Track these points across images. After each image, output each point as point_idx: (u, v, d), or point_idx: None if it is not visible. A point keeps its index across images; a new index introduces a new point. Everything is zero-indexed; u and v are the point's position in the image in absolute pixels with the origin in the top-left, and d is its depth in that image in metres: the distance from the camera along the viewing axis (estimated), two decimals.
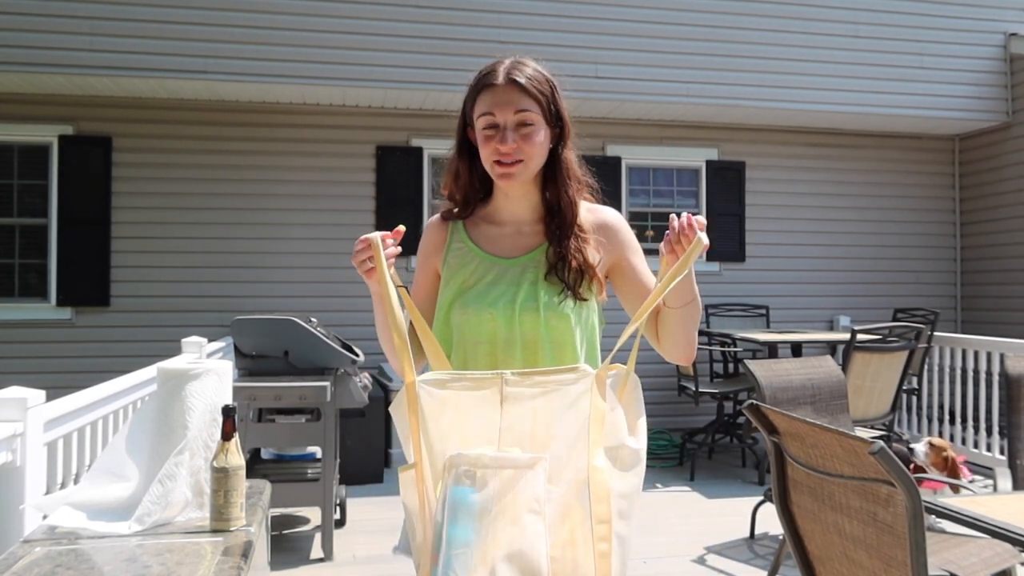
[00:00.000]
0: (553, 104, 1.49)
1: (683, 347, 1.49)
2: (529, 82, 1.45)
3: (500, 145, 1.44)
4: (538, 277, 1.49)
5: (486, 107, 1.46)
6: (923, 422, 5.96)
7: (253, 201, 6.28)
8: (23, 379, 2.47)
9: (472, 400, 1.29)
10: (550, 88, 1.49)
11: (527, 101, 1.45)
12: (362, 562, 3.75)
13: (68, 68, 5.43)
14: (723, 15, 6.44)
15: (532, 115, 1.45)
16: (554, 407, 1.28)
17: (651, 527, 4.26)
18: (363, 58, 5.81)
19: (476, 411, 1.29)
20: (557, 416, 1.27)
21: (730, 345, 6.30)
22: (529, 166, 1.47)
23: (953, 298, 7.53)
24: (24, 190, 6.00)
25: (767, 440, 1.96)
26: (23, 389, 2.07)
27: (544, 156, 1.50)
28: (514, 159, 1.45)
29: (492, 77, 1.46)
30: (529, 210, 1.56)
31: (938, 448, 3.77)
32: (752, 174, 7.16)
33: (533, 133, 1.45)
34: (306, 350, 3.98)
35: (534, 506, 1.19)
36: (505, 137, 1.44)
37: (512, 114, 1.44)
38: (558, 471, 1.23)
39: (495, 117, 1.45)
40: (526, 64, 1.49)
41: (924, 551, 1.50)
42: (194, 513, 1.53)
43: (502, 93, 1.45)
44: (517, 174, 1.47)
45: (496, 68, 1.47)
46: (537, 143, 1.46)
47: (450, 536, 1.18)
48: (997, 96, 6.95)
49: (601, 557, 1.20)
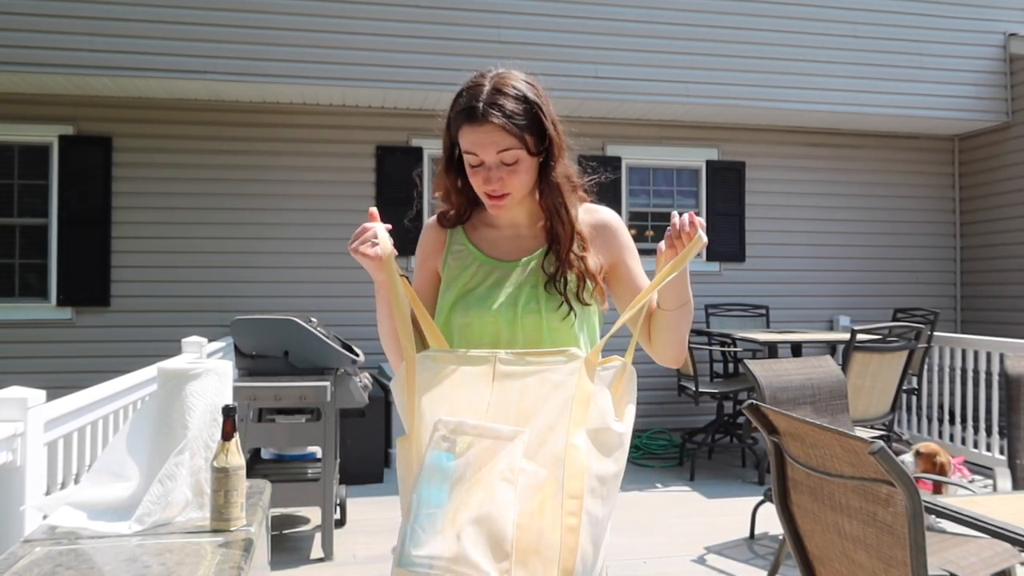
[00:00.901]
0: (537, 129, 1.45)
1: (675, 348, 1.51)
2: (509, 120, 1.40)
3: (485, 185, 1.45)
4: (539, 280, 1.50)
5: (468, 145, 1.44)
6: (923, 422, 5.96)
7: (253, 201, 6.28)
8: (23, 379, 2.47)
9: (466, 373, 1.34)
10: (534, 113, 1.44)
11: (509, 140, 1.41)
12: (362, 562, 3.75)
13: (68, 68, 5.43)
14: (723, 15, 6.44)
15: (514, 152, 1.43)
16: (542, 386, 1.32)
17: (651, 527, 4.26)
18: (363, 58, 5.81)
19: (468, 384, 1.34)
20: (543, 395, 1.31)
21: (730, 345, 6.30)
22: (516, 196, 1.48)
23: (953, 298, 7.53)
24: (24, 190, 6.00)
25: (767, 440, 1.96)
26: (23, 389, 2.07)
27: (532, 178, 1.49)
28: (501, 193, 1.46)
29: (472, 111, 1.41)
30: (526, 216, 1.57)
31: (927, 455, 3.77)
32: (752, 174, 7.16)
33: (517, 168, 1.44)
34: (306, 350, 3.98)
35: (508, 475, 1.23)
36: (490, 177, 1.44)
37: (495, 154, 1.43)
38: (537, 446, 1.26)
39: (478, 156, 1.44)
40: (507, 88, 1.42)
41: (924, 551, 1.50)
42: (194, 513, 1.53)
43: (483, 133, 1.41)
44: (506, 205, 1.48)
45: (477, 97, 1.42)
46: (522, 174, 1.46)
47: (423, 497, 1.23)
48: (997, 96, 6.95)
49: (568, 531, 1.22)
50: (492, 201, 1.48)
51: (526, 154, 1.44)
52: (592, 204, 1.59)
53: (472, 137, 1.42)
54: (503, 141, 1.41)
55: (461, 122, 1.44)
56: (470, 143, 1.43)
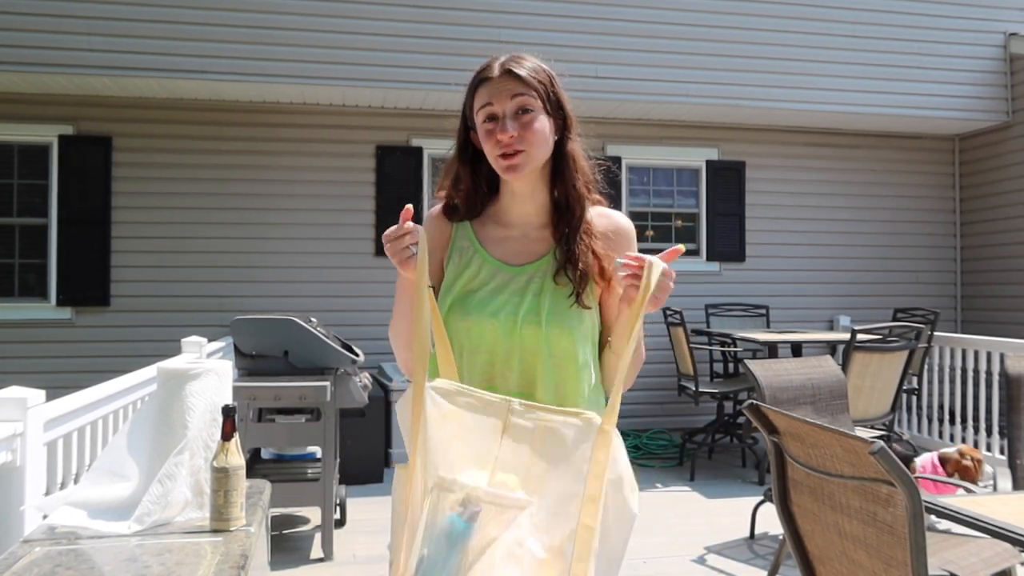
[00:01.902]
0: (552, 93, 1.46)
1: (629, 379, 1.44)
2: (525, 71, 1.43)
3: (500, 135, 1.40)
4: (543, 288, 1.46)
5: (483, 99, 1.43)
6: (923, 422, 5.96)
7: (253, 201, 6.28)
8: (23, 379, 2.47)
9: (475, 422, 1.28)
10: (548, 77, 1.47)
11: (523, 87, 1.42)
12: (362, 562, 3.75)
13: (68, 68, 5.43)
14: (723, 15, 6.44)
15: (530, 100, 1.42)
16: (553, 449, 1.26)
17: (651, 527, 4.26)
18: (363, 58, 5.81)
19: (476, 434, 1.27)
20: (554, 460, 1.25)
21: (730, 345, 6.30)
22: (532, 155, 1.43)
23: (953, 298, 7.53)
24: (24, 190, 6.00)
25: (767, 440, 1.96)
26: (23, 389, 2.07)
27: (547, 147, 1.46)
28: (515, 148, 1.41)
29: (488, 71, 1.44)
30: (537, 211, 1.52)
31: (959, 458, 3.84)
32: (752, 174, 7.16)
33: (533, 120, 1.42)
34: (306, 350, 3.98)
35: (515, 551, 1.18)
36: (505, 126, 1.40)
37: (509, 100, 1.41)
38: (546, 519, 1.21)
39: (493, 107, 1.42)
40: (523, 56, 1.47)
41: (924, 551, 1.50)
42: (194, 513, 1.52)
43: (498, 83, 1.42)
44: (521, 164, 1.42)
45: (492, 63, 1.46)
46: (537, 130, 1.42)
47: (433, 559, 1.18)
48: (997, 96, 6.95)
49: None
50: (506, 161, 1.42)
51: (541, 108, 1.43)
52: (606, 208, 1.56)
53: (487, 89, 1.43)
54: (518, 87, 1.42)
55: (476, 85, 1.45)
56: (485, 96, 1.43)
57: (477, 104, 1.45)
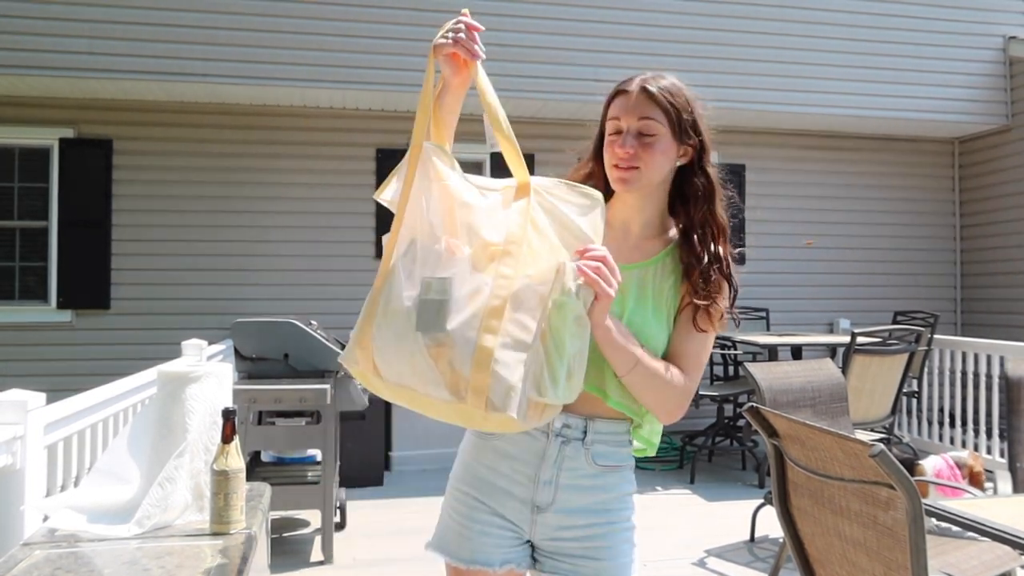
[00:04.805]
0: (686, 117, 1.45)
1: (657, 410, 1.43)
2: (660, 92, 1.43)
3: (619, 148, 1.42)
4: (624, 297, 1.43)
5: (616, 112, 1.46)
6: (923, 425, 5.96)
7: (253, 204, 6.28)
8: (23, 382, 2.47)
9: (462, 186, 1.36)
10: (684, 101, 1.46)
11: (653, 109, 1.43)
12: (362, 565, 3.74)
13: (69, 71, 5.44)
14: (723, 18, 6.45)
15: (655, 124, 1.42)
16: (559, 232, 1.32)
17: (651, 530, 4.25)
18: (363, 61, 5.82)
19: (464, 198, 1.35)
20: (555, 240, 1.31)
21: (730, 348, 6.30)
22: (645, 174, 1.43)
23: (953, 300, 7.53)
24: (25, 193, 6.01)
25: (767, 443, 1.96)
26: (23, 392, 2.07)
27: (664, 170, 1.46)
28: (630, 164, 1.42)
29: (627, 84, 1.47)
30: (640, 224, 1.51)
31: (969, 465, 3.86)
32: (752, 176, 7.16)
33: (654, 143, 1.42)
34: (306, 352, 3.98)
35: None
36: (624, 141, 1.42)
37: (636, 120, 1.43)
38: (526, 267, 1.27)
39: (620, 122, 1.44)
40: (664, 77, 1.48)
41: (924, 554, 1.50)
42: (194, 516, 1.52)
43: (630, 99, 1.44)
44: (632, 180, 1.43)
45: (633, 77, 1.48)
46: (656, 152, 1.43)
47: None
48: (996, 99, 6.95)
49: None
50: (619, 173, 1.44)
51: (667, 132, 1.43)
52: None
53: (619, 103, 1.46)
54: (647, 109, 1.43)
55: (614, 95, 1.48)
56: (616, 110, 1.46)
57: (610, 114, 1.48)
